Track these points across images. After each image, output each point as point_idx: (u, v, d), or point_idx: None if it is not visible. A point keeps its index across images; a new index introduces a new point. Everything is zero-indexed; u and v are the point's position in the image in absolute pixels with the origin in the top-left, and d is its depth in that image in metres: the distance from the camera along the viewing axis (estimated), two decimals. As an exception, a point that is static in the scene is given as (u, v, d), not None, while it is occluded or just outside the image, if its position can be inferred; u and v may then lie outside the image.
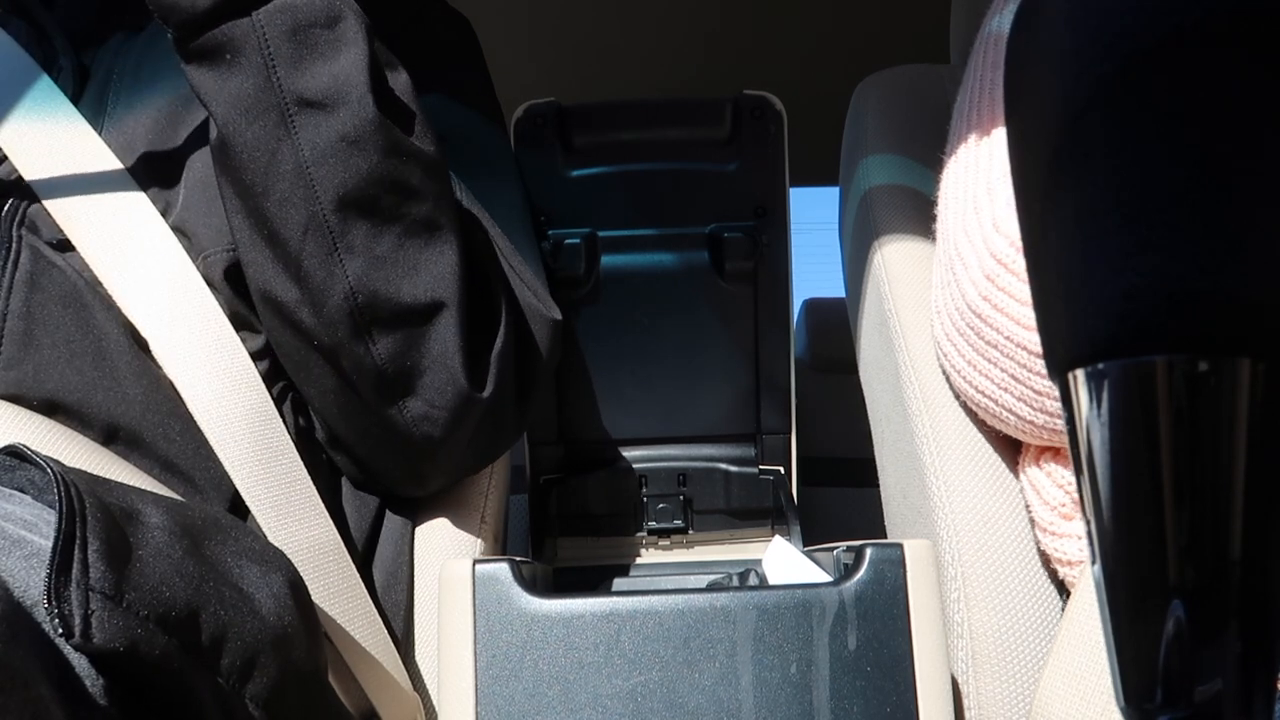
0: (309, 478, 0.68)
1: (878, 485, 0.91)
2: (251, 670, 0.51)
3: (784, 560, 0.76)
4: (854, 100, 1.01)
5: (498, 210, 0.81)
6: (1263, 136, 0.26)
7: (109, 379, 0.66)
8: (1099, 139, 0.28)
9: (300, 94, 0.65)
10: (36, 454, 0.51)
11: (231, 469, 0.65)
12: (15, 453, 0.53)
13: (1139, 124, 0.27)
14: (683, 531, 0.96)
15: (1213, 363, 0.26)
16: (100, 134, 0.73)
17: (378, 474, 0.75)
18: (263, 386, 0.68)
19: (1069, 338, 0.28)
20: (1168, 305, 0.26)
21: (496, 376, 0.72)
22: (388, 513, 0.77)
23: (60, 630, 0.43)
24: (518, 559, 0.65)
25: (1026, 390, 0.68)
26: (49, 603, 0.43)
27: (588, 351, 0.99)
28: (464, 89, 0.90)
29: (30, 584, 0.44)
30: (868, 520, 1.01)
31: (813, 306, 1.89)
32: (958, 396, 0.78)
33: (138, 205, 0.70)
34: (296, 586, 0.57)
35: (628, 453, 0.98)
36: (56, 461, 0.50)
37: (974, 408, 0.76)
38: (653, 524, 0.96)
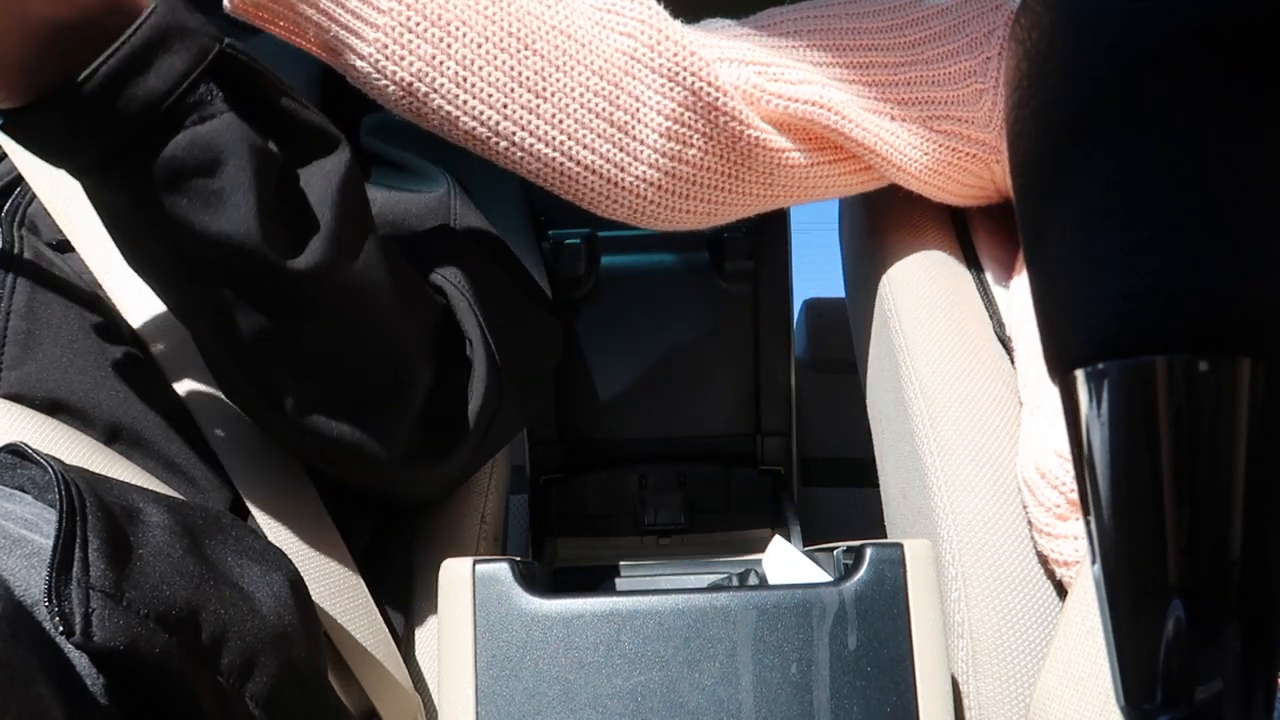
0: (309, 478, 0.68)
1: (878, 485, 0.91)
2: (251, 669, 0.51)
3: (784, 560, 0.76)
4: (854, 100, 1.01)
5: (497, 210, 0.81)
6: (1261, 137, 0.26)
7: (111, 379, 0.66)
8: (1098, 140, 0.28)
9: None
10: (37, 452, 0.51)
11: (231, 469, 0.65)
12: (16, 451, 0.53)
13: (1138, 125, 0.27)
14: (683, 531, 0.97)
15: (1213, 363, 0.26)
16: None
17: (371, 495, 0.75)
18: None
19: (1069, 338, 0.28)
20: (1167, 305, 0.26)
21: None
22: (388, 512, 0.77)
23: (61, 629, 0.43)
24: (518, 559, 0.65)
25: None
26: (49, 601, 0.43)
27: (588, 351, 0.99)
28: None
29: (31, 583, 0.44)
30: (868, 520, 1.01)
31: (813, 306, 1.89)
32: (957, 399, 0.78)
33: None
34: (297, 586, 0.57)
35: (628, 453, 0.98)
36: (57, 460, 0.50)
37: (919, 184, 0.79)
38: (653, 524, 0.96)
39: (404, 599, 0.74)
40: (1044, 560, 0.72)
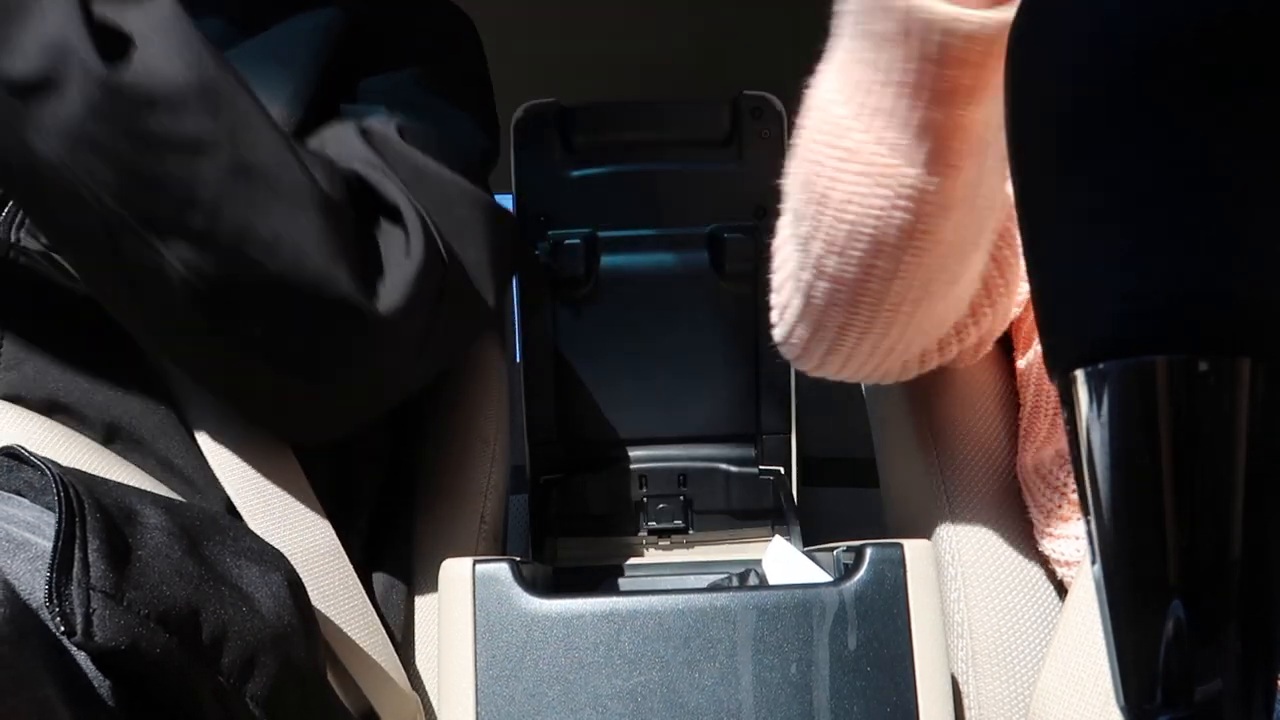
0: (305, 479, 0.68)
1: (878, 485, 0.91)
2: (251, 669, 0.51)
3: (784, 560, 0.76)
4: (854, 100, 1.01)
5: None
6: (1260, 138, 0.26)
7: (109, 379, 0.66)
8: (1098, 140, 0.28)
9: (12, 79, 0.52)
10: (34, 455, 0.51)
11: (222, 474, 0.65)
12: (13, 454, 0.53)
13: (1138, 126, 0.27)
14: (683, 531, 0.96)
15: (1213, 363, 0.26)
16: None
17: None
18: None
19: (1070, 338, 0.28)
20: (1167, 306, 0.26)
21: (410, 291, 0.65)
22: (386, 512, 0.77)
23: (62, 629, 0.43)
24: (518, 559, 0.65)
25: None
26: (50, 601, 0.43)
27: (588, 351, 0.99)
28: (455, 86, 0.88)
29: (35, 587, 0.44)
30: (868, 520, 1.01)
31: (813, 306, 1.88)
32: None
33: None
34: (296, 586, 0.57)
35: (628, 453, 0.98)
36: (54, 462, 0.50)
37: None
38: (653, 524, 0.96)
39: (403, 599, 0.74)
40: (1044, 560, 0.72)
